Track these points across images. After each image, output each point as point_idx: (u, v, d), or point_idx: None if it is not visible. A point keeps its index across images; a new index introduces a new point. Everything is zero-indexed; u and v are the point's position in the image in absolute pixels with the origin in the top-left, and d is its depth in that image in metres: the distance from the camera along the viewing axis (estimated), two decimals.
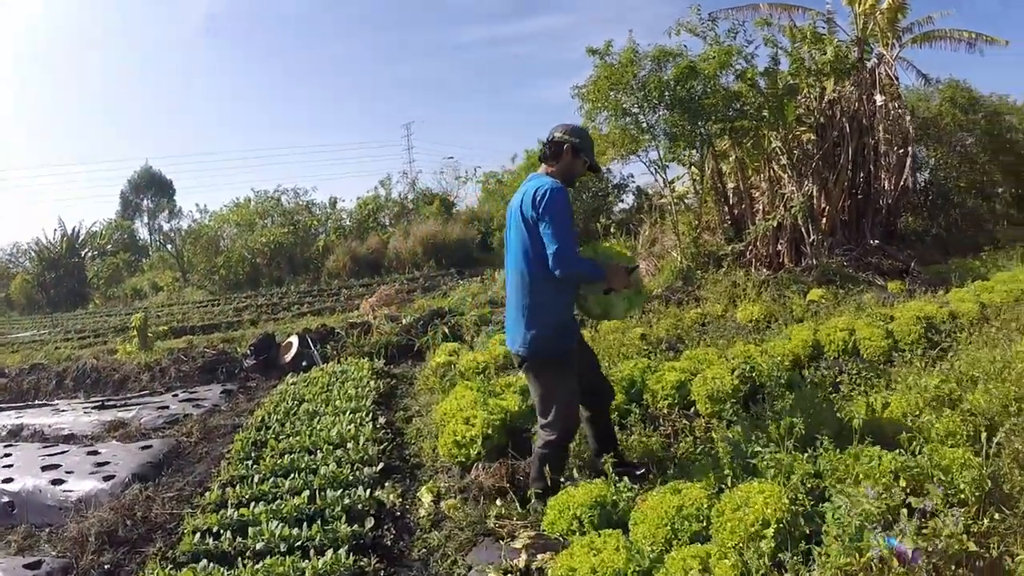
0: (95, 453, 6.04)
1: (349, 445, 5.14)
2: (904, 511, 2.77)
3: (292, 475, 4.73)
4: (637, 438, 4.82)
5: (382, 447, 5.20)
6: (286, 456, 5.08)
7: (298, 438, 5.49)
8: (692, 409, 5.50)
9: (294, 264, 25.40)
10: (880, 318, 7.58)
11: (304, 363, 9.33)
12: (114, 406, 8.23)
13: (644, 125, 12.77)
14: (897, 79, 15.00)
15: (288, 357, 9.52)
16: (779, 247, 14.16)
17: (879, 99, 14.14)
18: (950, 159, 20.38)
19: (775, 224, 13.26)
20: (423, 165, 77.21)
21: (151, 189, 48.48)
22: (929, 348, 6.61)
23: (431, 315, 10.42)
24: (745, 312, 9.04)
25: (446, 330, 9.71)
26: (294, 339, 9.82)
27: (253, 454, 5.43)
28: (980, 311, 8.02)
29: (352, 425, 5.59)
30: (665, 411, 5.49)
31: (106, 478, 5.40)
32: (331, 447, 5.17)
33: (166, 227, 30.66)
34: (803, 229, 13.49)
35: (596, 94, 12.22)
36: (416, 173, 49.82)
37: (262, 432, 5.95)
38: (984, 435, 3.76)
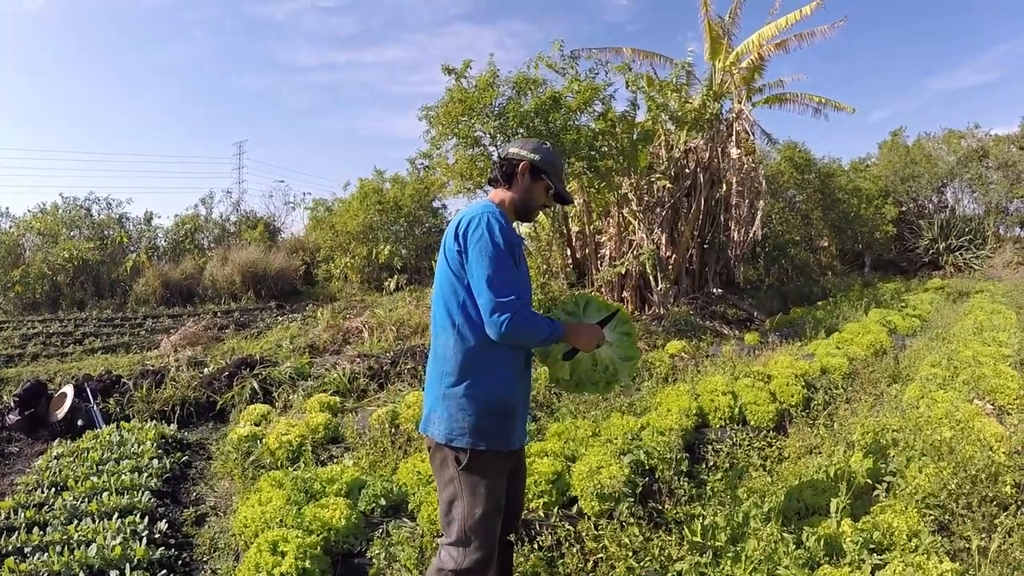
0: None
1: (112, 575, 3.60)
2: None
3: None
4: (513, 559, 3.64)
5: None
6: None
7: (46, 557, 3.87)
8: (575, 507, 4.40)
9: (99, 285, 22.62)
10: (759, 378, 7.23)
11: (80, 421, 7.52)
12: None
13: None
14: (753, 135, 15.17)
15: (60, 413, 7.66)
16: (624, 294, 13.93)
17: (734, 152, 14.17)
18: (786, 214, 21.25)
19: (622, 271, 12.79)
20: (252, 187, 73.52)
21: None
22: (812, 408, 6.54)
23: (238, 364, 8.72)
24: None
25: (255, 385, 8.08)
26: (69, 390, 7.95)
27: None
28: (849, 365, 8.19)
29: (121, 538, 4.02)
30: (541, 513, 4.32)
31: None
32: None
33: None
34: (651, 277, 13.16)
35: (447, 118, 11.16)
36: (242, 193, 47.07)
37: (3, 539, 4.26)
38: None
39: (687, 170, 14.33)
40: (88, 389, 8.08)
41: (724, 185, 14.71)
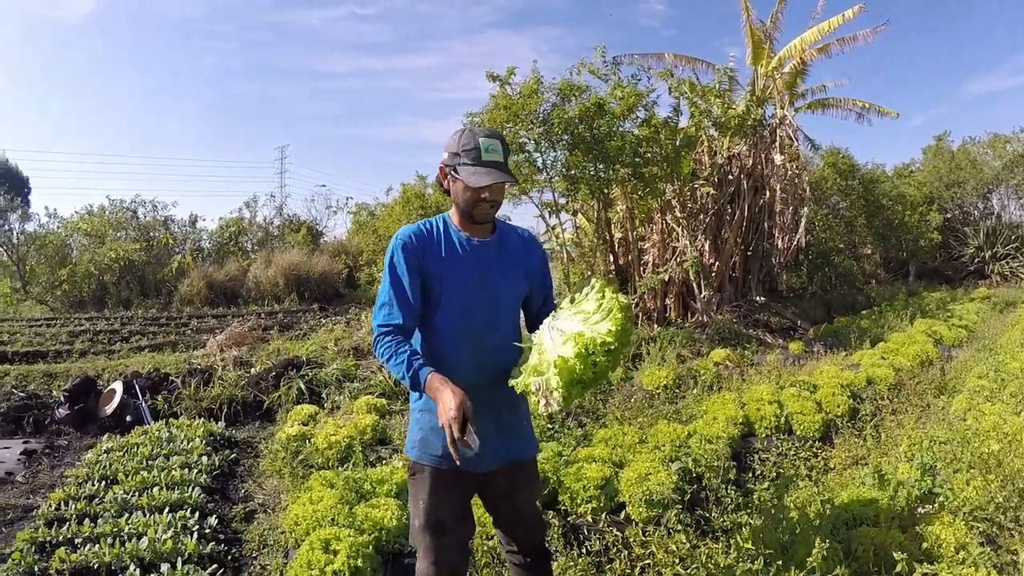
0: None
1: (164, 568, 3.64)
2: None
3: None
4: (562, 563, 3.63)
5: (210, 570, 3.73)
6: None
7: (97, 549, 3.93)
8: (623, 513, 4.36)
9: (145, 285, 22.98)
10: (804, 387, 7.15)
11: (129, 417, 7.64)
12: None
13: (539, 164, 11.86)
14: (797, 140, 14.98)
15: (109, 409, 7.80)
16: (667, 302, 13.83)
17: (778, 159, 13.99)
18: (830, 221, 20.91)
19: (665, 278, 12.70)
20: (294, 191, 74.25)
21: (3, 184, 44.09)
22: (858, 419, 6.48)
23: (285, 364, 8.81)
24: (651, 377, 8.10)
25: (302, 386, 8.16)
26: (118, 386, 8.09)
27: (37, 567, 3.83)
28: (895, 376, 8.02)
29: (172, 531, 4.07)
30: (589, 518, 4.29)
31: None
32: (140, 570, 3.66)
33: (16, 230, 27.05)
34: (694, 284, 13.02)
35: (491, 124, 11.17)
36: (285, 197, 47.60)
37: (54, 529, 4.34)
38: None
39: (730, 176, 14.19)
40: (137, 386, 8.21)
41: (768, 192, 14.52)
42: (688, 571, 3.58)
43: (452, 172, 2.55)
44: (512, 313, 2.70)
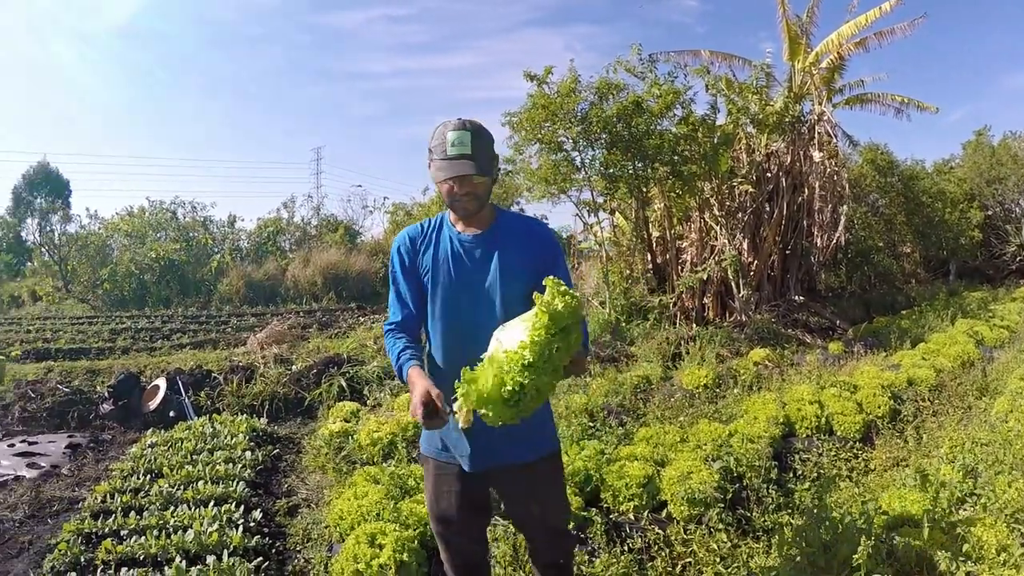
0: None
1: (210, 560, 3.70)
2: None
3: None
4: (605, 559, 3.63)
5: (255, 563, 3.78)
6: (123, 572, 3.62)
7: (143, 540, 4.00)
8: (664, 511, 4.37)
9: (184, 284, 23.29)
10: (845, 388, 7.06)
11: (172, 413, 7.78)
12: None
13: (577, 163, 11.84)
14: (836, 137, 14.77)
15: (153, 405, 7.94)
16: (705, 300, 13.72)
17: (816, 156, 13.81)
18: (869, 219, 20.57)
19: (704, 277, 12.64)
20: (330, 191, 74.85)
21: (45, 187, 45.03)
22: (898, 420, 6.44)
23: (326, 362, 8.91)
24: (691, 376, 8.06)
25: (343, 383, 8.25)
26: (162, 382, 8.24)
27: (83, 557, 3.92)
28: (936, 377, 7.89)
29: (217, 525, 4.14)
30: (631, 515, 4.29)
31: None
32: (186, 561, 3.72)
33: (57, 231, 27.75)
34: (733, 283, 12.91)
35: (530, 124, 11.21)
36: (322, 197, 47.99)
37: (100, 521, 4.43)
38: None
39: (769, 174, 14.04)
40: (180, 382, 8.34)
41: (806, 189, 14.32)
42: (729, 570, 3.58)
43: (429, 163, 2.55)
44: (514, 306, 2.45)
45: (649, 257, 14.21)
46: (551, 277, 2.13)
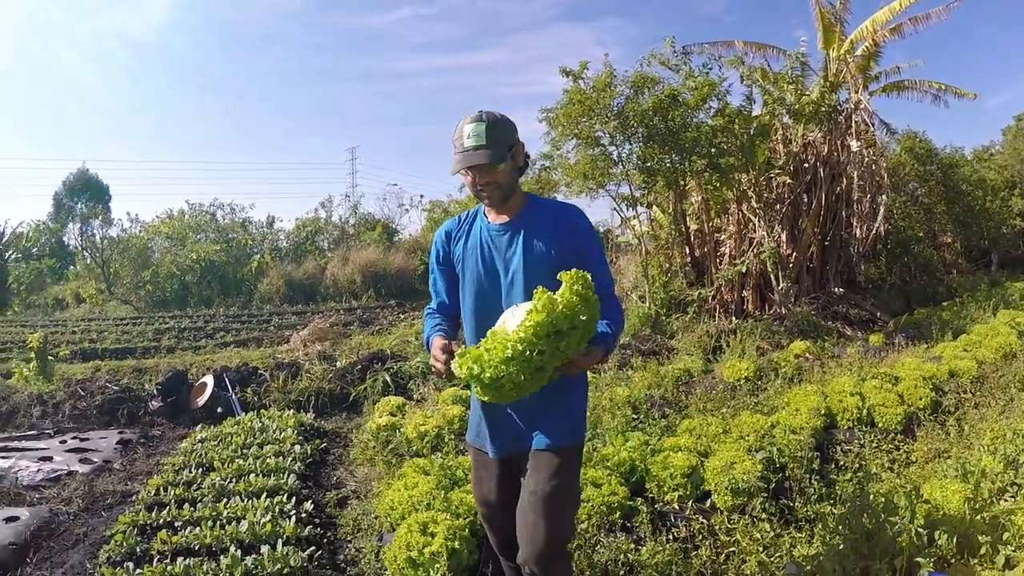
0: None
1: (264, 550, 3.81)
2: None
3: None
4: (651, 547, 3.68)
5: (308, 552, 3.89)
6: (179, 562, 3.72)
7: (197, 531, 4.13)
8: (708, 501, 4.42)
9: (225, 284, 23.73)
10: (886, 380, 7.01)
11: (219, 409, 7.96)
12: None
13: (615, 157, 11.86)
14: (873, 126, 14.58)
15: (201, 401, 8.13)
16: (744, 293, 13.64)
17: (854, 145, 13.63)
18: (908, 208, 20.24)
19: (743, 270, 12.57)
20: (367, 190, 75.67)
21: (85, 193, 45.90)
22: (940, 412, 6.39)
23: (370, 358, 9.06)
24: (732, 369, 8.08)
25: (387, 379, 8.39)
26: (209, 379, 8.42)
27: (139, 548, 4.05)
28: (978, 368, 7.78)
29: (270, 515, 4.25)
30: (676, 505, 4.35)
31: None
32: (240, 551, 3.84)
33: (98, 235, 28.46)
34: (772, 276, 12.82)
35: (566, 119, 11.25)
36: (359, 197, 48.39)
37: (154, 513, 4.57)
38: None
39: (806, 165, 13.88)
40: (226, 379, 8.52)
41: (845, 179, 14.14)
42: (772, 559, 3.61)
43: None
44: None
45: (687, 250, 14.15)
46: (569, 272, 2.18)
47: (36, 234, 32.47)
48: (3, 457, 6.39)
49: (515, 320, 2.20)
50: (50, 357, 10.40)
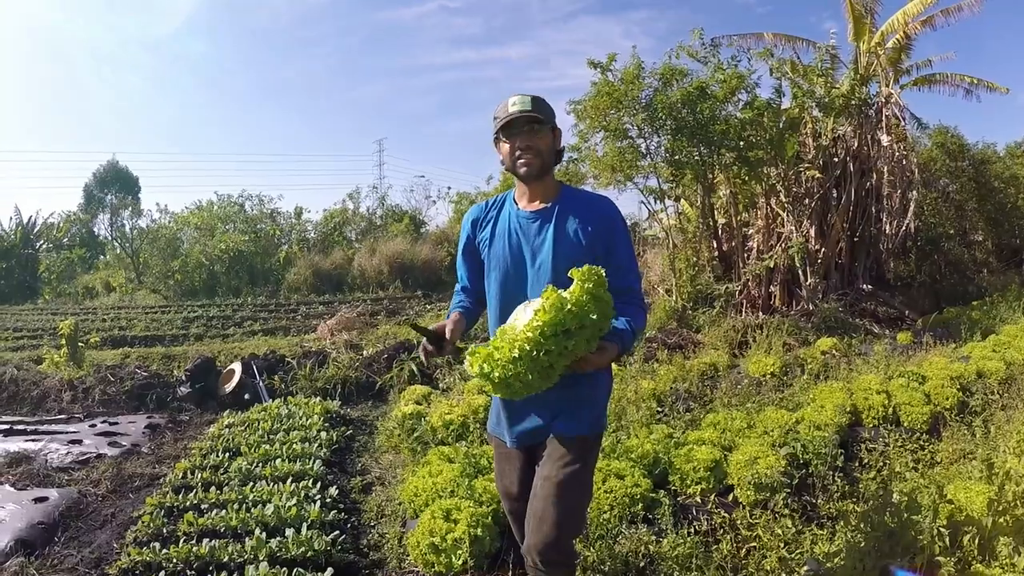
0: None
1: (288, 533, 3.87)
2: None
3: None
4: (672, 540, 3.69)
5: (332, 536, 3.93)
6: (205, 543, 3.79)
7: (223, 514, 4.20)
8: (730, 495, 4.42)
9: (253, 274, 23.87)
10: (913, 378, 6.96)
11: (247, 395, 8.06)
12: (23, 432, 6.91)
13: (643, 149, 11.81)
14: (904, 120, 14.38)
15: (228, 388, 8.23)
16: (772, 288, 13.52)
17: (885, 139, 13.47)
18: (939, 205, 19.93)
19: (771, 265, 12.46)
20: (394, 182, 75.70)
21: (116, 184, 46.56)
22: (966, 412, 6.31)
23: (396, 348, 9.12)
24: (758, 364, 8.05)
25: (413, 368, 8.45)
26: (237, 366, 8.52)
27: (165, 529, 4.13)
28: (1007, 370, 7.67)
29: (295, 500, 4.31)
30: (698, 498, 4.35)
31: None
32: (265, 533, 3.90)
33: (127, 225, 28.89)
34: (800, 271, 12.70)
35: (594, 112, 11.24)
36: (387, 188, 48.38)
37: (181, 496, 4.66)
38: None
39: (836, 159, 13.73)
40: (254, 366, 8.62)
41: (875, 174, 14.00)
42: (793, 555, 3.60)
43: (495, 137, 2.64)
44: (568, 280, 2.27)
45: (715, 244, 14.09)
46: (581, 269, 2.14)
47: (67, 224, 32.99)
48: (34, 440, 6.53)
49: (525, 317, 2.19)
50: (80, 344, 10.55)
